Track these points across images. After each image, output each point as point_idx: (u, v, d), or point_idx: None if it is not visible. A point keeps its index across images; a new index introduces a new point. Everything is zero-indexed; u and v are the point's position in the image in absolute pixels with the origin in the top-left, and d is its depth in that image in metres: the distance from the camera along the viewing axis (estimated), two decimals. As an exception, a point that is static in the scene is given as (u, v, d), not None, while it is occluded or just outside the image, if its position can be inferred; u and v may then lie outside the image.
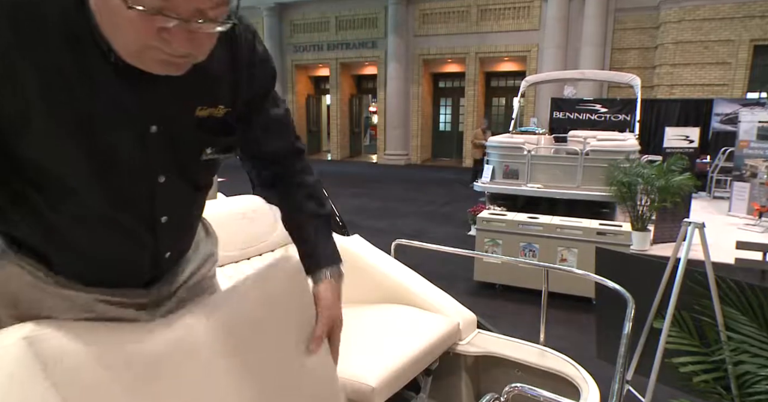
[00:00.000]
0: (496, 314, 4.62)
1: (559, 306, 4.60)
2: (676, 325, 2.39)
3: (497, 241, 5.17)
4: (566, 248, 4.87)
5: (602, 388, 1.65)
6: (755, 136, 9.03)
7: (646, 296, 2.49)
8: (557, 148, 8.78)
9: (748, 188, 8.32)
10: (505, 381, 1.75)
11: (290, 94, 18.70)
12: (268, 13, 17.99)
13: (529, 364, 1.83)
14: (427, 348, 1.85)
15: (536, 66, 14.51)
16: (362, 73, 18.68)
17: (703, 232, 2.31)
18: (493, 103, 17.22)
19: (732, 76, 12.36)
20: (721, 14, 12.17)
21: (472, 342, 1.92)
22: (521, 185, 7.88)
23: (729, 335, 2.19)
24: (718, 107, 11.46)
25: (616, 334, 1.71)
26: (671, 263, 2.42)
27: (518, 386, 1.47)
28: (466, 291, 5.27)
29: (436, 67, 17.16)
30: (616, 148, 7.45)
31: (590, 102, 11.76)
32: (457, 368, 1.97)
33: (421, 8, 16.05)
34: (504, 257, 5.04)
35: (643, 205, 6.53)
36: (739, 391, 2.14)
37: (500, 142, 8.32)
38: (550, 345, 1.96)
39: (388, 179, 13.23)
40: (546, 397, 1.39)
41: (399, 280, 2.10)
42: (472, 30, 15.42)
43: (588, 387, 1.67)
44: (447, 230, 7.95)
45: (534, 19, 14.55)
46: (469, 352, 1.90)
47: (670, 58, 12.74)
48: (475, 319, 2.05)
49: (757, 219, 7.81)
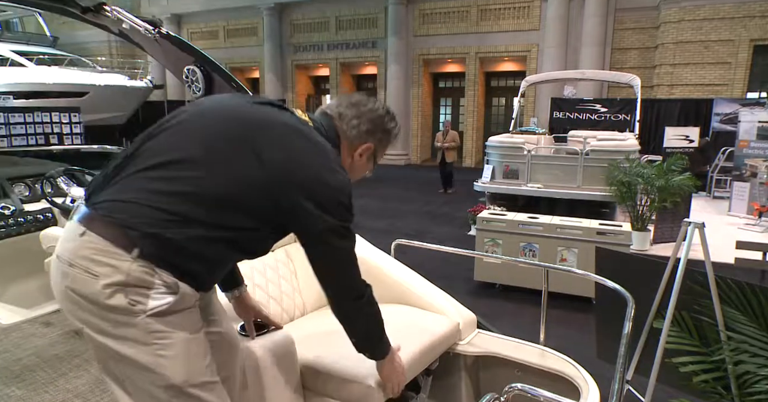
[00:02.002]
0: (496, 314, 4.62)
1: (559, 306, 4.60)
2: (676, 325, 2.39)
3: (497, 241, 5.17)
4: (566, 248, 4.87)
5: (602, 388, 1.65)
6: (755, 136, 9.04)
7: (646, 296, 2.49)
8: (557, 148, 8.78)
9: (748, 188, 8.32)
10: (505, 381, 1.75)
11: (290, 94, 18.71)
12: (268, 13, 17.99)
13: (529, 364, 1.83)
14: (427, 348, 1.85)
15: (536, 66, 14.51)
16: (362, 73, 18.68)
17: (703, 232, 2.30)
18: (493, 103, 17.22)
19: (732, 76, 12.36)
20: (721, 14, 12.17)
21: (472, 342, 1.92)
22: (521, 185, 7.88)
23: (729, 335, 2.19)
24: (718, 107, 11.46)
25: (616, 334, 1.71)
26: (671, 263, 2.42)
27: (518, 386, 1.47)
28: (466, 291, 5.27)
29: (436, 67, 17.16)
30: (616, 148, 7.45)
31: (590, 102, 11.77)
32: (457, 368, 1.97)
33: (421, 8, 16.05)
34: (504, 257, 5.04)
35: (643, 205, 6.53)
36: (739, 391, 2.14)
37: (500, 142, 8.32)
38: (550, 345, 1.95)
39: (388, 179, 13.23)
40: (546, 397, 1.39)
41: (399, 280, 2.10)
42: (472, 30, 15.42)
43: (588, 387, 1.66)
44: (447, 230, 7.95)
45: (534, 19, 14.55)
46: (469, 352, 1.90)
47: (670, 58, 12.74)
48: (475, 319, 2.05)
49: (757, 219, 7.81)
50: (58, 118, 6.88)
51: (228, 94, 1.81)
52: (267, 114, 1.30)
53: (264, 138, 1.22)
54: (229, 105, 1.33)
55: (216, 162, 1.20)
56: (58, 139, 6.78)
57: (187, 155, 1.20)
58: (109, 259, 1.13)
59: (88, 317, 1.17)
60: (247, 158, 1.20)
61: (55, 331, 2.92)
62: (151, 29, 2.51)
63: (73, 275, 1.15)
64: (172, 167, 1.19)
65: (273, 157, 1.21)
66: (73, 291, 1.16)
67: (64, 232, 1.22)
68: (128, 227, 1.14)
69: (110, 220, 1.15)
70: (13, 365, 2.55)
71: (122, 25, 2.54)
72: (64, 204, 3.23)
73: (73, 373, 2.48)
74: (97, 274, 1.13)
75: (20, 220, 3.17)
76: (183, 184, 1.18)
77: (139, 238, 1.13)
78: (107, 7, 2.55)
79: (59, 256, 1.19)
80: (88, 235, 1.15)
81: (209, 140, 1.22)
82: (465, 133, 16.41)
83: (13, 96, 12.74)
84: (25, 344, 2.77)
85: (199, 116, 1.29)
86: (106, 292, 1.12)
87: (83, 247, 1.15)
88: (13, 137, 6.40)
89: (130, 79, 14.68)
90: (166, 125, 1.28)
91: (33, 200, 3.41)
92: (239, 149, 1.20)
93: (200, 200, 1.17)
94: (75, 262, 1.15)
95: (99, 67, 15.22)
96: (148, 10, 19.03)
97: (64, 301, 1.20)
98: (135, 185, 1.19)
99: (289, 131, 1.26)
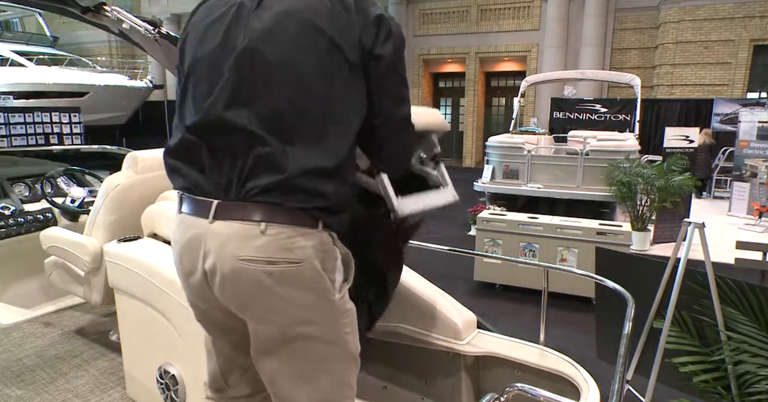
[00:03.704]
0: (496, 314, 4.62)
1: (559, 306, 4.60)
2: (676, 325, 2.39)
3: (497, 241, 5.17)
4: (566, 248, 4.87)
5: (602, 388, 1.64)
6: (755, 136, 9.03)
7: (646, 296, 2.49)
8: (557, 148, 8.78)
9: (748, 188, 8.32)
10: (505, 381, 1.75)
11: (290, 94, 18.67)
12: (268, 13, 17.96)
13: (529, 364, 1.83)
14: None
15: (536, 66, 14.51)
16: (362, 73, 18.68)
17: (703, 232, 2.31)
18: (493, 103, 17.22)
19: (732, 76, 12.36)
20: (721, 14, 12.17)
21: (472, 342, 1.92)
22: (521, 185, 7.88)
23: (729, 335, 2.19)
24: (718, 107, 11.47)
25: (616, 334, 1.71)
26: (671, 263, 2.42)
27: (518, 386, 1.47)
28: (466, 291, 5.27)
29: (436, 67, 17.16)
30: (616, 148, 7.45)
31: (590, 102, 11.76)
32: (457, 368, 1.96)
33: (421, 8, 16.05)
34: (504, 257, 5.04)
35: (643, 205, 6.53)
36: (739, 391, 2.14)
37: (500, 142, 8.32)
38: (550, 345, 1.95)
39: (388, 179, 13.21)
40: (546, 397, 1.39)
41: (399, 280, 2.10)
42: (472, 30, 15.42)
43: (588, 387, 1.66)
44: (447, 230, 7.94)
45: (534, 19, 14.55)
46: (469, 352, 1.89)
47: (670, 58, 12.74)
48: (475, 319, 2.04)
49: (757, 219, 7.81)
50: (58, 118, 6.88)
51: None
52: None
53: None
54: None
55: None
56: (58, 139, 6.78)
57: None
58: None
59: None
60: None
61: (55, 331, 2.93)
62: (151, 29, 2.51)
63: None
64: None
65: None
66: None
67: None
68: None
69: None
70: (13, 365, 2.55)
71: (122, 25, 2.53)
72: (64, 204, 3.23)
73: (73, 373, 2.48)
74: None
75: (20, 220, 3.17)
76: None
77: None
78: (107, 7, 2.55)
79: None
80: None
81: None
82: (465, 133, 16.42)
83: (13, 96, 12.75)
84: (25, 344, 2.77)
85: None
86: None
87: None
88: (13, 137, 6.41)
89: (130, 79, 14.69)
90: None
91: (33, 200, 3.41)
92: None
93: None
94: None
95: (99, 67, 15.22)
96: (148, 10, 19.01)
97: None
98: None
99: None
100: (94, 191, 3.25)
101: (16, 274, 3.27)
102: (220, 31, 1.13)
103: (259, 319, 1.15)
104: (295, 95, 1.07)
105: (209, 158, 1.12)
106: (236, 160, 1.08)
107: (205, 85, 1.13)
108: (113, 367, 2.52)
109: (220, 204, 1.09)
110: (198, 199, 1.13)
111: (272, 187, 1.06)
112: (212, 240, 1.09)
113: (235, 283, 1.09)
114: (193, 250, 1.14)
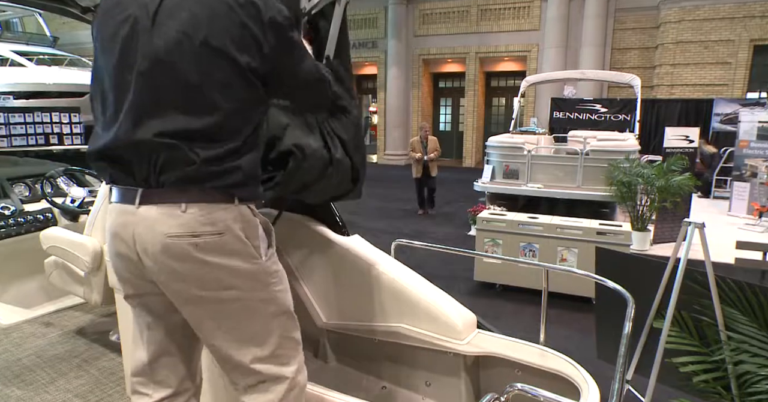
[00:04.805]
0: (496, 314, 4.63)
1: (559, 306, 4.60)
2: (676, 325, 2.39)
3: (497, 241, 5.17)
4: (566, 248, 4.87)
5: (602, 388, 1.64)
6: (755, 136, 9.03)
7: (646, 296, 2.49)
8: (557, 148, 8.78)
9: (748, 188, 8.32)
10: (505, 381, 1.75)
11: (290, 94, 18.67)
12: (268, 13, 17.95)
13: (529, 364, 1.83)
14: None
15: (536, 66, 14.51)
16: (362, 73, 18.67)
17: (703, 232, 2.30)
18: (493, 103, 17.22)
19: (732, 76, 12.36)
20: (721, 14, 12.17)
21: (472, 342, 1.92)
22: (521, 185, 7.88)
23: (729, 335, 2.19)
24: (718, 107, 11.46)
25: (616, 334, 1.71)
26: (671, 263, 2.42)
27: (518, 386, 1.46)
28: (466, 291, 5.27)
29: (436, 67, 17.16)
30: (616, 148, 7.45)
31: (590, 102, 11.76)
32: (457, 368, 1.96)
33: (421, 8, 16.05)
34: (504, 257, 5.04)
35: (643, 205, 6.53)
36: (739, 391, 2.14)
37: (500, 142, 8.32)
38: (550, 345, 1.95)
39: (388, 179, 13.23)
40: (546, 397, 1.39)
41: (399, 280, 2.10)
42: (472, 30, 15.42)
43: (588, 387, 1.66)
44: (447, 230, 7.95)
45: (534, 19, 14.55)
46: (469, 352, 1.89)
47: (670, 58, 12.74)
48: (475, 319, 2.04)
49: (757, 219, 7.81)
50: (58, 118, 6.88)
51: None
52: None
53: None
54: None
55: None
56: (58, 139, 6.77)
57: None
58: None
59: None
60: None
61: (55, 331, 2.93)
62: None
63: None
64: None
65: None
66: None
67: None
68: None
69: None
70: (13, 365, 2.55)
71: (122, 25, 2.53)
72: (64, 204, 3.23)
73: (73, 373, 2.48)
74: None
75: (20, 220, 3.17)
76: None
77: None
78: (107, 7, 2.55)
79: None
80: None
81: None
82: (465, 133, 16.42)
83: (13, 96, 12.72)
84: (25, 344, 2.78)
85: None
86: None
87: None
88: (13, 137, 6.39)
89: (130, 79, 14.67)
90: None
91: (33, 200, 3.41)
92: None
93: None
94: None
95: (99, 67, 15.20)
96: (148, 10, 19.00)
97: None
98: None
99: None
100: (94, 191, 3.26)
101: (16, 274, 3.27)
102: (116, 50, 1.25)
103: (194, 291, 1.25)
104: (196, 108, 1.20)
105: (128, 162, 1.25)
106: (150, 161, 1.22)
107: (112, 107, 1.26)
108: (113, 367, 2.52)
109: (144, 191, 1.23)
110: (125, 188, 1.27)
111: (185, 176, 1.20)
112: (141, 223, 1.22)
113: (167, 257, 1.21)
114: (125, 234, 1.25)
